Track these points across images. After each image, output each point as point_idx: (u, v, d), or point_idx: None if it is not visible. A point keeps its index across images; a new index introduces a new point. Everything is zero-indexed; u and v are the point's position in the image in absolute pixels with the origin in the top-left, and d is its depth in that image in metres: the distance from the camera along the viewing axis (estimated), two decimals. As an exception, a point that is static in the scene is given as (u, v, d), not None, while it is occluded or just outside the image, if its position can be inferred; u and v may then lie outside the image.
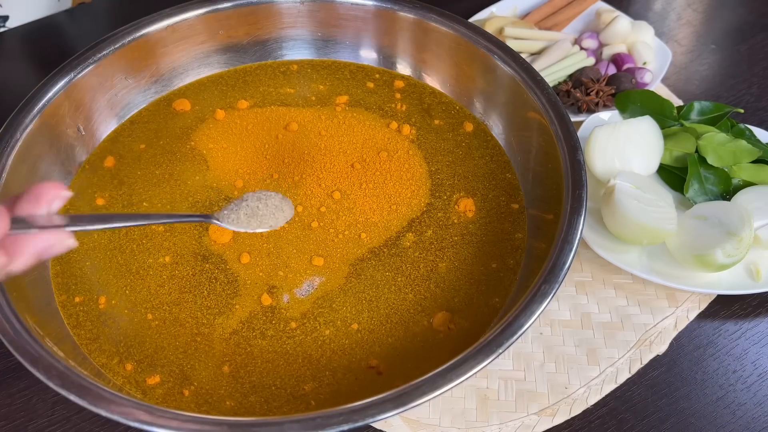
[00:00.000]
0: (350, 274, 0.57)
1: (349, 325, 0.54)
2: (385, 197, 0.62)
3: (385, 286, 0.56)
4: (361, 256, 0.58)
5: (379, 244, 0.59)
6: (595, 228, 0.63)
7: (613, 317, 0.60)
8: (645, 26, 0.81)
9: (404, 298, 0.56)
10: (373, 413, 0.42)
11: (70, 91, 0.62)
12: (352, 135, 0.67)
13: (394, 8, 0.68)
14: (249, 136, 0.66)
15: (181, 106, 0.69)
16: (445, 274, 0.57)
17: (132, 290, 0.56)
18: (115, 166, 0.64)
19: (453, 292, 0.56)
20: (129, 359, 0.52)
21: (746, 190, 0.63)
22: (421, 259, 0.58)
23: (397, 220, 0.61)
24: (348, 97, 0.70)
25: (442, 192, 0.63)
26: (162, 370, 0.51)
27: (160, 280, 0.56)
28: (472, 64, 0.67)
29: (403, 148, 0.66)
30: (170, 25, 0.66)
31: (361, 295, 0.56)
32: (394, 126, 0.67)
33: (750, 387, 0.56)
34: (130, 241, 0.59)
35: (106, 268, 0.57)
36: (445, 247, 0.59)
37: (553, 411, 0.54)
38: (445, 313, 0.54)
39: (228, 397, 0.50)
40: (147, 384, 0.51)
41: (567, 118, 0.58)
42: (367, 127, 0.67)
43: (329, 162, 0.64)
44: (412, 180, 0.63)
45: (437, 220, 0.61)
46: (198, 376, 0.51)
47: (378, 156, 0.65)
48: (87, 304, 0.55)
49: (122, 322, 0.54)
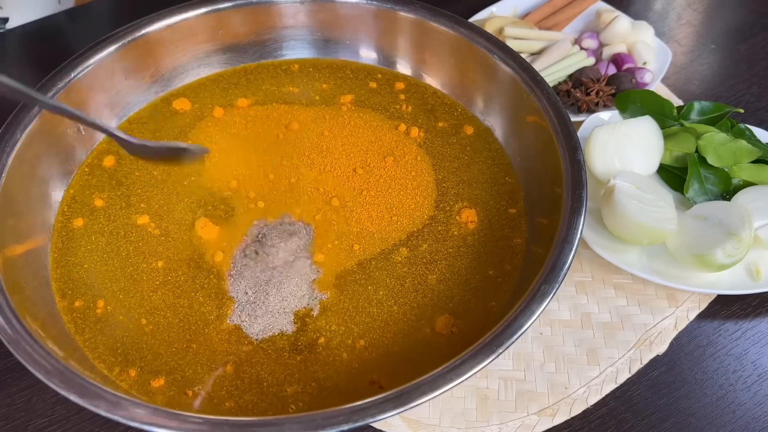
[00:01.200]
0: (336, 286, 0.56)
1: (344, 339, 0.53)
2: (386, 207, 0.61)
3: (368, 300, 0.55)
4: (350, 269, 0.57)
5: (371, 257, 0.58)
6: (595, 228, 0.63)
7: (613, 317, 0.60)
8: (645, 26, 0.81)
9: (390, 310, 0.55)
10: (373, 413, 0.42)
11: (70, 91, 0.62)
12: (357, 137, 0.66)
13: (394, 8, 0.68)
14: (248, 135, 0.66)
15: (181, 105, 0.69)
16: (436, 285, 0.56)
17: (126, 295, 0.55)
18: (113, 166, 0.64)
19: (448, 299, 0.55)
20: (131, 364, 0.52)
21: (746, 190, 0.63)
22: (408, 274, 0.57)
23: (395, 232, 0.59)
24: (353, 96, 0.70)
25: (446, 203, 0.61)
26: (164, 371, 0.51)
27: (154, 285, 0.56)
28: (472, 65, 0.67)
29: (411, 153, 0.64)
30: (170, 25, 0.66)
31: (345, 309, 0.55)
32: (403, 128, 0.66)
33: (750, 387, 0.56)
34: (127, 243, 0.58)
35: (103, 271, 0.57)
36: (438, 260, 0.58)
37: (553, 411, 0.54)
38: (447, 316, 0.54)
39: (228, 398, 0.50)
40: (151, 386, 0.51)
41: (567, 118, 0.58)
42: (374, 129, 0.66)
43: (330, 165, 0.64)
44: (417, 189, 0.62)
45: (436, 233, 0.59)
46: (199, 378, 0.51)
47: (384, 161, 0.64)
48: (85, 310, 0.55)
49: (121, 327, 0.54)
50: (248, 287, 0.55)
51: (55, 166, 0.61)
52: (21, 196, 0.57)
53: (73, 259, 0.57)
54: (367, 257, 0.58)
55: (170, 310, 0.55)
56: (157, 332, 0.53)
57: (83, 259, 0.57)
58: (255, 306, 0.54)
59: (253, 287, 0.55)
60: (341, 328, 0.54)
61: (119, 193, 0.62)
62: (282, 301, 0.54)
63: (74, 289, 0.56)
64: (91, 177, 0.63)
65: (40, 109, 0.58)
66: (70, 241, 0.59)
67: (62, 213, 0.60)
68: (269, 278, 0.55)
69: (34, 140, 0.58)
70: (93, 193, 0.62)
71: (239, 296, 0.55)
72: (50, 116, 0.59)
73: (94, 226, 0.60)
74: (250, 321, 0.53)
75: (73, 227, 0.59)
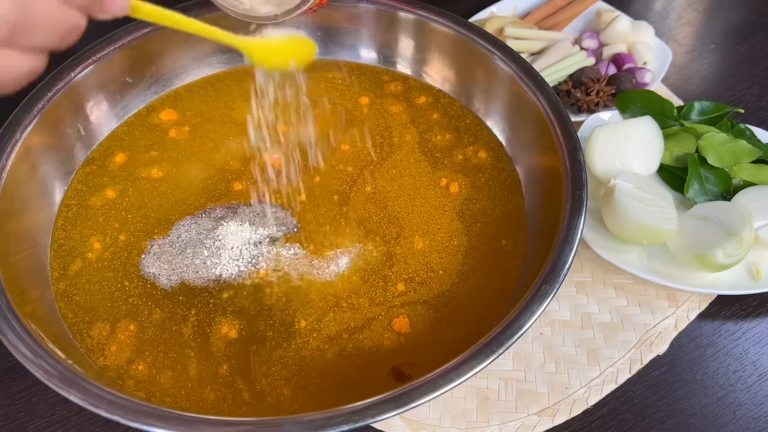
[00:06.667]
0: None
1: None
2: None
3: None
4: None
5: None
6: (595, 228, 0.63)
7: (614, 317, 0.60)
8: (645, 26, 0.81)
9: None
10: (373, 413, 0.42)
11: (70, 91, 0.61)
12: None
13: (394, 8, 0.68)
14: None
15: (182, 105, 0.69)
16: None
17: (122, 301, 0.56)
18: (114, 166, 0.64)
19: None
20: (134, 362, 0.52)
21: (746, 190, 0.63)
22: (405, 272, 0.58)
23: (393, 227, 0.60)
24: (368, 100, 0.70)
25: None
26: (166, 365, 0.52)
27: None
28: (472, 65, 0.67)
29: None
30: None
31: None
32: (444, 182, 0.63)
33: (750, 387, 0.56)
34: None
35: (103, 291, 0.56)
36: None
37: (553, 411, 0.54)
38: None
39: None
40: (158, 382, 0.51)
41: (567, 118, 0.58)
42: (378, 127, 0.67)
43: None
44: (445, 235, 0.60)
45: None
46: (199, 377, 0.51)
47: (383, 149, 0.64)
48: (87, 318, 0.55)
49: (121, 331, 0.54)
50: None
51: (56, 166, 0.61)
52: (21, 196, 0.57)
53: (73, 259, 0.57)
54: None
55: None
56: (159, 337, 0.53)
57: (83, 259, 0.57)
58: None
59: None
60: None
61: (121, 191, 0.62)
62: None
63: (76, 290, 0.56)
64: (92, 177, 0.63)
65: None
66: (70, 241, 0.58)
67: (62, 213, 0.60)
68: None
69: (34, 140, 0.58)
70: (94, 192, 0.62)
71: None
72: (50, 116, 0.59)
73: (94, 227, 0.60)
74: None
75: (74, 227, 0.59)
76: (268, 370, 0.51)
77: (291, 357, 0.52)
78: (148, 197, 0.62)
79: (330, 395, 0.50)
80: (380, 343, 0.53)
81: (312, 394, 0.50)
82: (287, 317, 0.54)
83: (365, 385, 0.51)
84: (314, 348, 0.52)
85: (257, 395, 0.50)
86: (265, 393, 0.50)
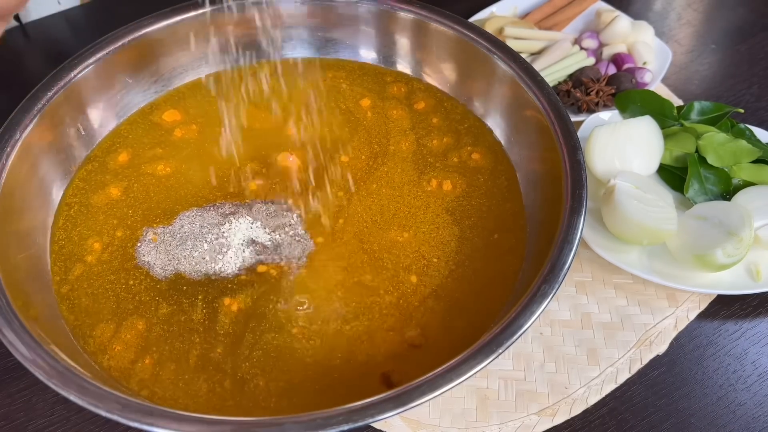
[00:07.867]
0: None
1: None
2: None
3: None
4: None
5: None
6: (595, 228, 0.63)
7: (613, 317, 0.60)
8: (645, 26, 0.81)
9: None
10: (373, 413, 0.42)
11: (70, 91, 0.62)
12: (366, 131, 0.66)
13: (394, 8, 0.68)
14: (248, 132, 0.66)
15: (182, 104, 0.69)
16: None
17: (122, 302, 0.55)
18: (114, 166, 0.64)
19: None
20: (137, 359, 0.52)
21: (746, 190, 0.63)
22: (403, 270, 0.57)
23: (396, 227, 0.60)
24: (370, 102, 0.70)
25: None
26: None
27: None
28: (472, 65, 0.67)
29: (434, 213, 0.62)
30: (170, 25, 0.66)
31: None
32: (434, 183, 0.63)
33: (750, 387, 0.56)
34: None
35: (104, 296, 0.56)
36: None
37: (553, 411, 0.54)
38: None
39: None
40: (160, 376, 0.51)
41: (567, 118, 0.58)
42: (381, 126, 0.67)
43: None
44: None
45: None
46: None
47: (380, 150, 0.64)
48: (90, 320, 0.54)
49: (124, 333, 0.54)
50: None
51: (56, 166, 0.61)
52: (21, 195, 0.57)
53: (73, 264, 0.57)
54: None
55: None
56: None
57: (84, 259, 0.57)
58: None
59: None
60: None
61: (122, 190, 0.62)
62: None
63: (77, 291, 0.56)
64: (92, 176, 0.63)
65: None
66: (70, 240, 0.58)
67: (62, 212, 0.60)
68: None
69: (34, 140, 0.58)
70: (94, 191, 0.62)
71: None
72: (50, 116, 0.60)
73: (94, 227, 0.60)
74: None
75: (74, 226, 0.59)
76: (255, 361, 0.52)
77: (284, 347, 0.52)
78: (154, 191, 0.62)
79: (336, 391, 0.51)
80: (375, 344, 0.53)
81: (298, 387, 0.51)
82: (283, 313, 0.54)
83: (359, 387, 0.51)
84: (305, 346, 0.53)
85: (238, 382, 0.51)
86: (246, 381, 0.51)
